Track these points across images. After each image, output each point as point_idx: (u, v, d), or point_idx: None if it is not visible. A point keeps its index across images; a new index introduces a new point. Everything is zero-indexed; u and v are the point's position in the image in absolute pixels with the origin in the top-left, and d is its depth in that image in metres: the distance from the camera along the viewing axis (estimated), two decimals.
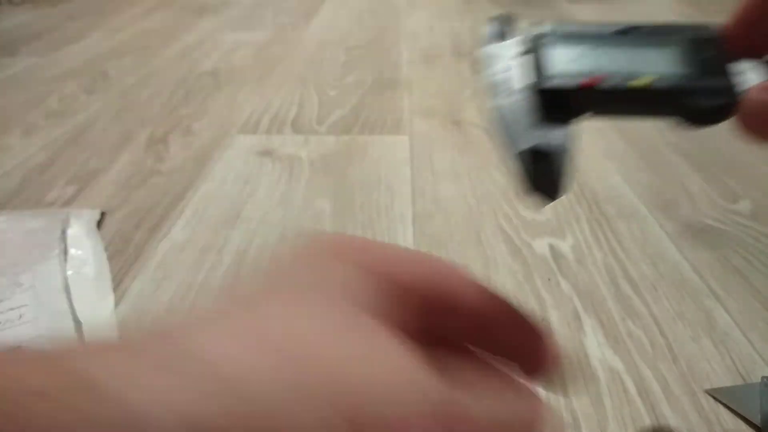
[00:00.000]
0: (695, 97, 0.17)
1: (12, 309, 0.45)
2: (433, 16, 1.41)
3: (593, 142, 0.74)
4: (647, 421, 0.36)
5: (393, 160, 0.70)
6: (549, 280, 0.49)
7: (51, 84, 0.97)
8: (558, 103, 0.17)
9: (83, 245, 0.53)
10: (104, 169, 0.69)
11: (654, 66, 0.17)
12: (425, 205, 0.60)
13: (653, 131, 0.78)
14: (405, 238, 0.55)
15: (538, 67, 0.18)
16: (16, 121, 0.83)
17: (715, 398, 0.38)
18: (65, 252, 0.51)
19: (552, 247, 0.53)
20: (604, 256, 0.52)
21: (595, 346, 0.42)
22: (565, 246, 0.53)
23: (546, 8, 1.47)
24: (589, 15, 1.34)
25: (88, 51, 1.15)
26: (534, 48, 0.18)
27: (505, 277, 0.49)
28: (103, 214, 0.59)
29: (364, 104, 0.87)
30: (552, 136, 0.17)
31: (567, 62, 0.18)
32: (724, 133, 0.84)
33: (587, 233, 0.55)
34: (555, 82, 0.17)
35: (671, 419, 0.36)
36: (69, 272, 0.49)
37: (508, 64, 0.19)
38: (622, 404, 0.38)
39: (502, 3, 1.52)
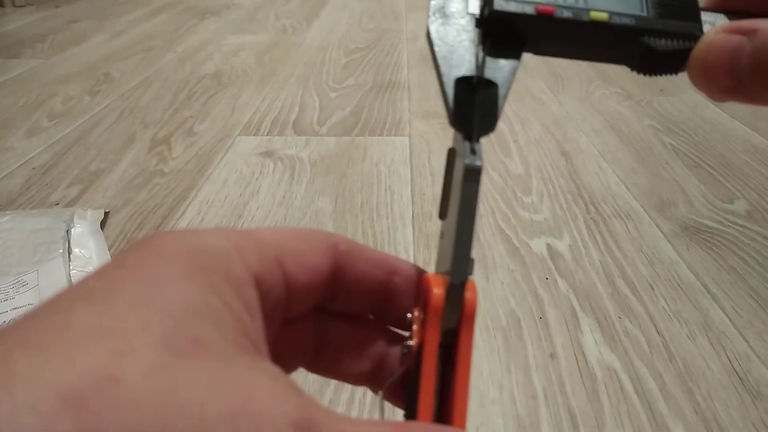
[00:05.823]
0: (653, 38, 0.16)
1: (16, 308, 0.46)
2: None
3: (590, 143, 0.75)
4: (644, 419, 0.37)
5: (393, 160, 0.71)
6: (546, 279, 0.49)
7: (55, 86, 0.98)
8: (509, 32, 0.16)
9: (87, 245, 0.53)
10: (108, 170, 0.69)
11: (615, 4, 0.16)
12: (424, 205, 0.61)
13: (650, 132, 0.78)
14: (404, 237, 0.55)
15: None
16: (21, 122, 0.83)
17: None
18: (69, 251, 0.52)
19: (549, 247, 0.54)
20: (601, 256, 0.52)
21: (592, 345, 0.42)
22: (562, 245, 0.54)
23: None
24: None
25: (91, 53, 1.16)
26: None
27: (503, 276, 0.50)
28: (106, 214, 0.59)
29: (364, 106, 0.88)
30: (495, 68, 0.16)
31: None
32: (720, 134, 0.84)
33: (584, 233, 0.56)
34: (509, 7, 0.16)
35: (668, 417, 0.37)
36: (73, 271, 0.50)
37: None
38: (619, 402, 0.38)
39: None
